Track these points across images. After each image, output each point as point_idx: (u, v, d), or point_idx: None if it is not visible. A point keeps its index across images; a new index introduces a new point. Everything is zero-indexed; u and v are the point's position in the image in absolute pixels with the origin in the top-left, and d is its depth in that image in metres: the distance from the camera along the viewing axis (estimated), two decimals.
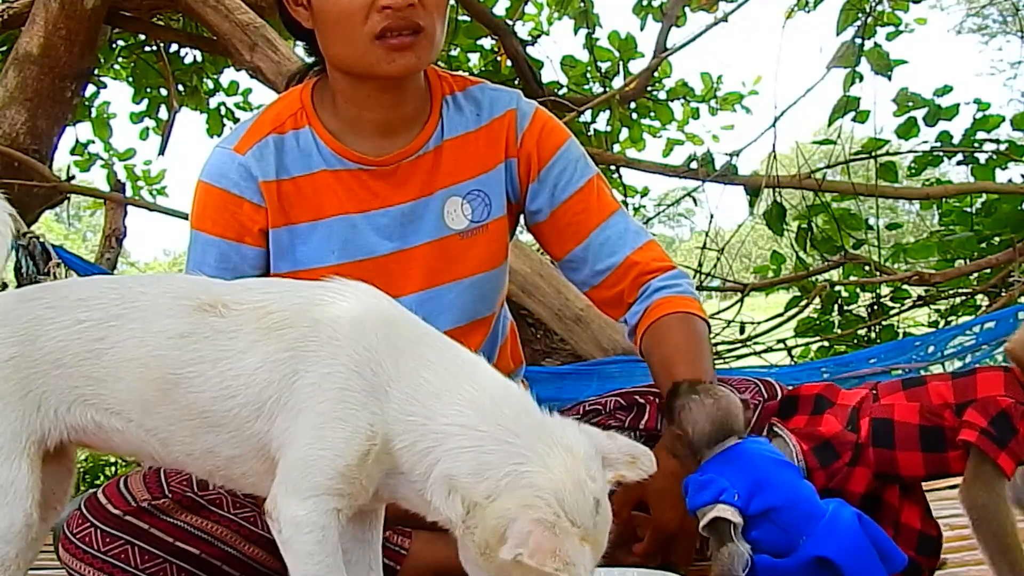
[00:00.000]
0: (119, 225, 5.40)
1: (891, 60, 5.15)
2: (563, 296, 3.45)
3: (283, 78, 3.69)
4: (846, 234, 5.21)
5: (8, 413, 1.25)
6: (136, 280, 1.36)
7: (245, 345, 1.25)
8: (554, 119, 1.85)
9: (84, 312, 1.28)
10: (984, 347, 3.83)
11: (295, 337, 1.24)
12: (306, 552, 1.20)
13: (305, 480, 1.20)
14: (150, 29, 5.43)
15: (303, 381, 1.22)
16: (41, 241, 3.62)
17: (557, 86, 6.10)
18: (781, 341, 5.25)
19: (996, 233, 4.96)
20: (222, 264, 1.73)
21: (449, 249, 1.76)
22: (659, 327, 1.74)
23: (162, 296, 1.29)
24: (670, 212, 7.53)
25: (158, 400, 1.26)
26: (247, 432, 1.25)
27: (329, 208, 1.74)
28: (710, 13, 5.75)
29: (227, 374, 1.24)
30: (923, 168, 5.40)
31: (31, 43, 4.18)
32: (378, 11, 1.60)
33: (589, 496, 1.16)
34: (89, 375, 1.26)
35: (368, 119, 1.74)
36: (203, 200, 1.75)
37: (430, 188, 1.76)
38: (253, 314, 1.26)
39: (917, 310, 5.29)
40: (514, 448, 1.17)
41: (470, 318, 1.78)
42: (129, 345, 1.26)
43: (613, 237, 1.80)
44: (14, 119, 4.20)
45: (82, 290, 1.32)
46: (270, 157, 1.73)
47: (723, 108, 6.71)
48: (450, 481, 1.18)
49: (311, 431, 1.20)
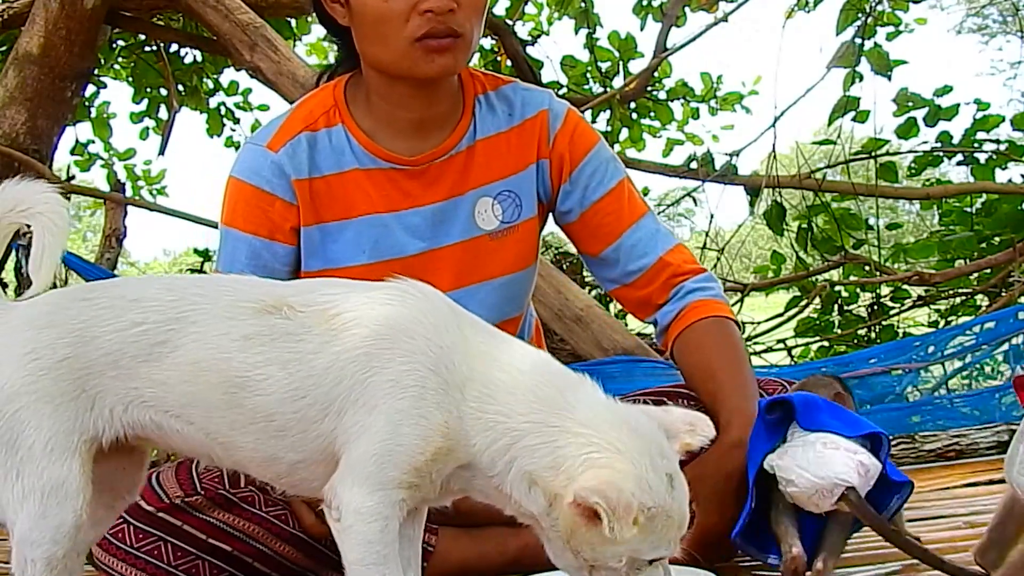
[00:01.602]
0: (119, 225, 5.40)
1: (891, 60, 5.15)
2: (563, 296, 3.45)
3: (283, 78, 3.71)
4: (846, 234, 5.21)
5: (60, 413, 1.23)
6: (191, 281, 1.35)
7: (315, 346, 1.24)
8: (585, 120, 1.86)
9: (140, 314, 1.26)
10: (984, 347, 3.83)
11: (366, 335, 1.24)
12: (367, 540, 1.20)
13: (379, 473, 1.20)
14: (150, 29, 5.42)
15: (379, 378, 1.22)
16: None
17: (557, 86, 6.10)
18: (781, 341, 5.26)
19: (996, 233, 4.96)
20: (253, 261, 1.73)
21: (479, 249, 1.77)
22: (696, 331, 1.75)
23: (222, 298, 1.28)
24: (670, 212, 7.50)
25: (222, 404, 1.25)
26: (313, 433, 1.24)
27: (360, 207, 1.74)
28: (710, 13, 5.76)
29: (297, 375, 1.23)
30: (923, 168, 5.40)
31: (31, 43, 4.18)
32: (419, 14, 1.60)
33: (662, 473, 1.18)
34: (148, 377, 1.25)
35: (402, 118, 1.74)
36: (235, 197, 1.75)
37: (461, 188, 1.77)
38: (321, 315, 1.26)
39: (917, 310, 5.29)
40: (585, 438, 1.19)
41: (499, 318, 1.78)
42: (192, 348, 1.25)
43: (644, 238, 1.81)
44: (14, 119, 4.19)
45: (136, 290, 1.31)
46: (303, 155, 1.72)
47: (723, 108, 6.71)
48: (530, 476, 1.20)
49: (388, 427, 1.20)
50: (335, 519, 1.22)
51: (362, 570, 1.20)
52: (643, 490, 1.14)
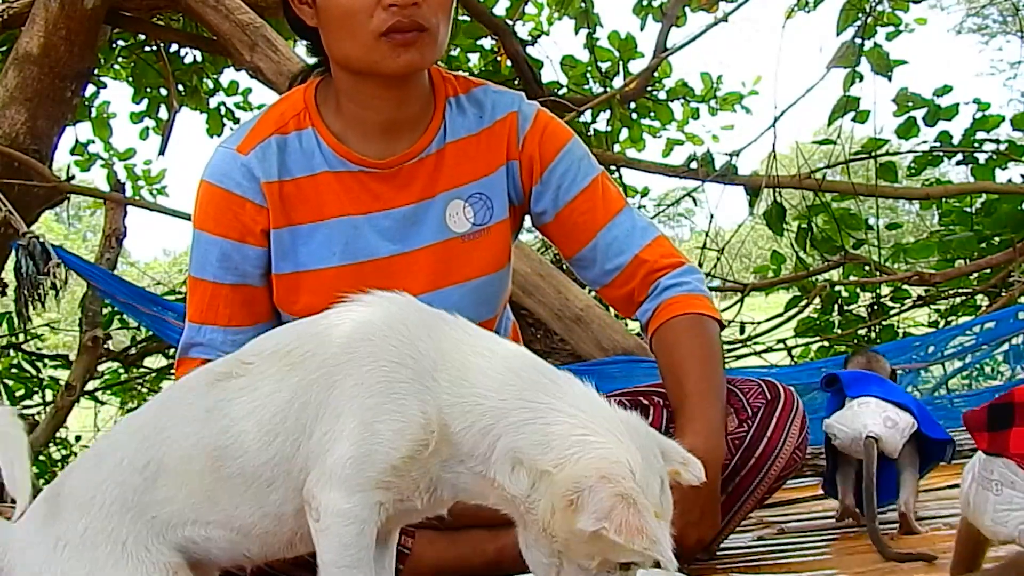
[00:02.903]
0: (119, 225, 5.39)
1: (891, 60, 5.15)
2: (563, 296, 3.45)
3: (283, 78, 3.70)
4: (846, 234, 5.21)
5: (131, 566, 1.27)
6: (148, 405, 1.38)
7: (273, 385, 1.24)
8: (556, 120, 1.85)
9: (116, 454, 1.30)
10: (984, 347, 3.83)
11: (324, 357, 1.23)
12: (343, 543, 1.19)
13: (356, 475, 1.18)
14: (150, 29, 5.42)
15: (344, 385, 1.21)
16: (41, 241, 3.62)
17: (557, 86, 6.11)
18: (781, 341, 5.26)
19: (996, 233, 4.97)
20: (224, 264, 1.72)
21: (451, 252, 1.76)
22: (667, 330, 1.74)
23: (177, 391, 1.31)
24: (670, 212, 7.51)
25: (215, 485, 1.25)
26: (296, 470, 1.23)
27: (331, 209, 1.74)
28: (710, 13, 5.76)
29: (264, 418, 1.23)
30: (923, 168, 5.40)
31: (31, 43, 4.18)
32: (384, 8, 1.60)
33: (655, 474, 1.15)
34: (154, 500, 1.27)
35: (371, 119, 1.74)
36: (205, 200, 1.75)
37: (432, 191, 1.76)
38: (273, 358, 1.26)
39: (917, 310, 5.30)
40: (576, 420, 1.16)
41: (473, 320, 1.78)
42: (172, 451, 1.27)
43: (621, 236, 1.80)
44: (14, 119, 4.20)
45: (109, 441, 1.35)
46: (272, 158, 1.72)
47: (723, 108, 6.72)
48: (514, 455, 1.17)
49: (360, 427, 1.18)
50: (314, 519, 1.21)
51: (335, 571, 1.19)
52: (637, 483, 1.11)
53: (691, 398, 1.67)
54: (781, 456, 1.74)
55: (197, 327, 1.74)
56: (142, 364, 6.34)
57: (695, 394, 1.67)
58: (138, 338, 6.06)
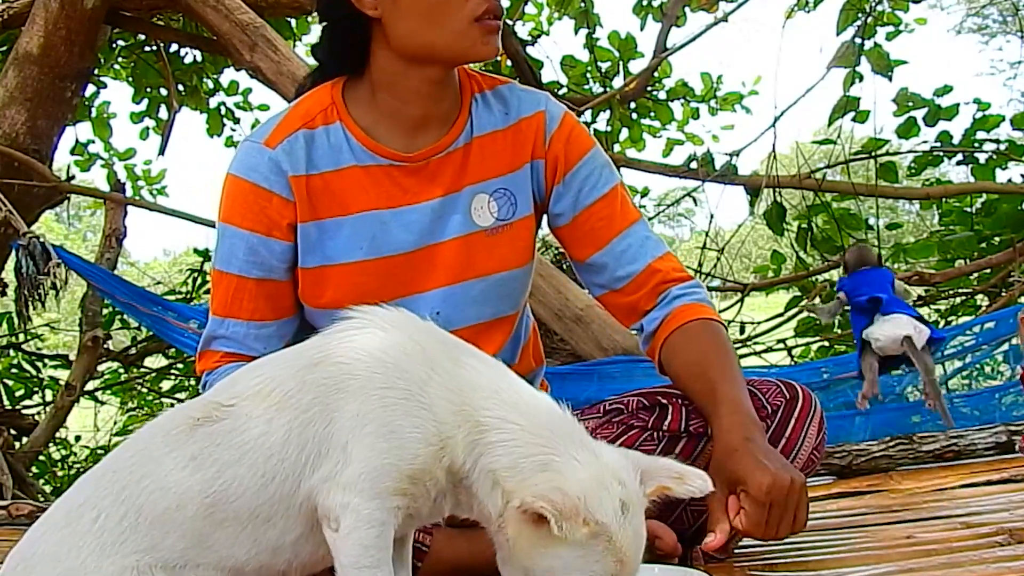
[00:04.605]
0: (119, 225, 5.39)
1: (891, 60, 5.16)
2: (563, 296, 3.45)
3: (283, 78, 3.71)
4: (846, 234, 5.22)
5: None
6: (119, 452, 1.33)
7: (263, 427, 1.23)
8: (581, 124, 1.87)
9: (92, 511, 1.25)
10: (984, 347, 3.83)
11: (314, 395, 1.23)
12: (363, 545, 1.20)
13: (372, 487, 1.19)
14: (150, 29, 5.43)
15: (342, 417, 1.21)
16: (41, 241, 3.63)
17: (557, 86, 6.11)
18: (781, 341, 5.27)
19: (996, 233, 4.97)
20: (251, 258, 1.72)
21: (475, 245, 1.77)
22: (685, 333, 1.75)
23: (154, 439, 1.28)
24: (670, 212, 7.52)
25: (210, 529, 1.24)
26: (297, 504, 1.23)
27: (358, 204, 1.74)
28: (710, 13, 5.76)
29: (258, 462, 1.22)
30: (923, 168, 5.40)
31: (31, 43, 4.19)
32: None
33: (615, 497, 1.16)
34: (140, 549, 1.24)
35: (407, 113, 1.75)
36: (232, 193, 1.74)
37: (458, 184, 1.77)
38: (255, 399, 1.25)
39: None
40: (546, 444, 1.19)
41: (493, 315, 1.78)
42: (155, 499, 1.24)
43: (635, 245, 1.81)
44: (14, 119, 4.20)
45: (79, 495, 1.29)
46: (300, 152, 1.72)
47: (723, 108, 6.72)
48: (492, 476, 1.20)
49: (371, 445, 1.20)
50: (332, 529, 1.21)
51: (355, 573, 1.20)
52: (591, 501, 1.13)
53: (720, 385, 1.67)
54: (799, 457, 1.74)
55: (220, 320, 1.74)
56: (142, 364, 6.35)
57: (723, 381, 1.67)
58: (138, 338, 6.07)
